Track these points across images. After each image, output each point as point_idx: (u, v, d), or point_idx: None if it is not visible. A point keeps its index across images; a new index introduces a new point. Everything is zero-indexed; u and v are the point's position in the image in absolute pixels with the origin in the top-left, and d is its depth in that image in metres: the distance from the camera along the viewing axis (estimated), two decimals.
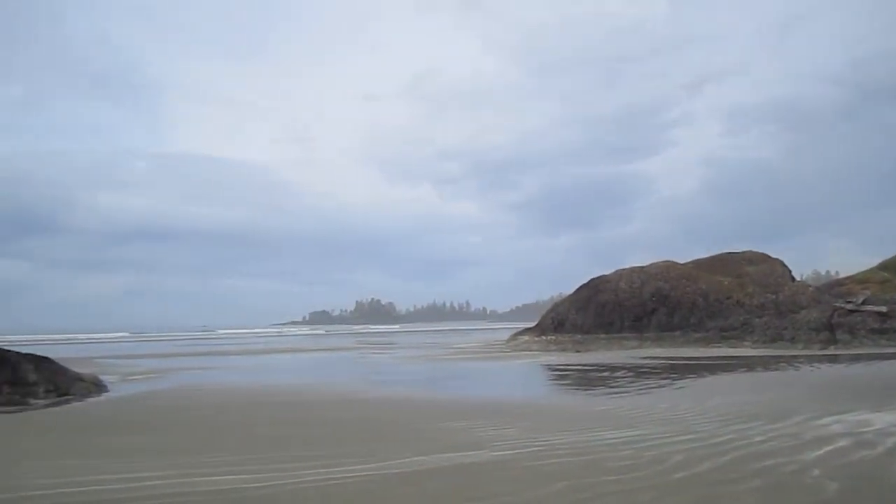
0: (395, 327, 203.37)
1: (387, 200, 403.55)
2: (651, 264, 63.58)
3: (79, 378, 27.38)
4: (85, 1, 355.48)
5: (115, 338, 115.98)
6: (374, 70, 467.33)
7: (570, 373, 33.39)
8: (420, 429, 15.89)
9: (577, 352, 49.72)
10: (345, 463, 11.87)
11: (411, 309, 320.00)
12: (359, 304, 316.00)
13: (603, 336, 55.44)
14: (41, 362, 26.97)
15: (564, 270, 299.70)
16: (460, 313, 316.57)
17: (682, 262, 65.55)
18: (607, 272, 63.73)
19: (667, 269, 61.94)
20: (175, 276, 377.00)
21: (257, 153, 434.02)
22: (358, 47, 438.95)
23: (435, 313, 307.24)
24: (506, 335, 69.21)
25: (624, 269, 63.13)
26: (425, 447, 13.24)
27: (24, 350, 28.47)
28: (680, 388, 24.33)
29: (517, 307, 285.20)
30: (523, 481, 10.29)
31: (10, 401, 22.39)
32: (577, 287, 64.44)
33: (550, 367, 37.14)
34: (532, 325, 66.71)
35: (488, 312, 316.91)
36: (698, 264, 64.99)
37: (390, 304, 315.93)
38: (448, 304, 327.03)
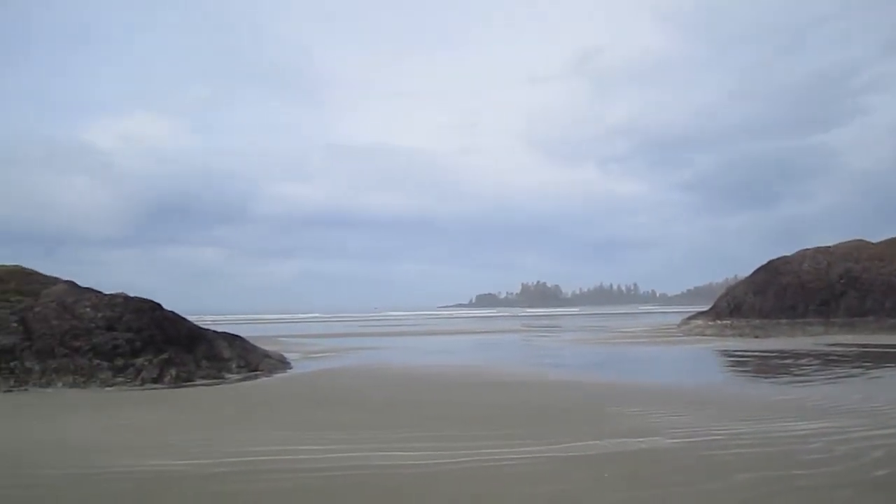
0: (562, 310, 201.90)
1: (552, 182, 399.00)
2: (838, 244, 58.88)
3: (266, 355, 29.46)
4: (268, 6, 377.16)
5: (299, 318, 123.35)
6: (539, 51, 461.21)
7: (749, 359, 31.71)
8: (592, 412, 15.71)
9: (756, 337, 47.11)
10: (517, 444, 11.96)
11: (577, 292, 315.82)
12: (525, 287, 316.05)
13: (784, 321, 52.08)
14: (234, 340, 29.28)
15: (740, 252, 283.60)
16: (628, 296, 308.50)
17: (874, 241, 60.20)
18: (788, 253, 59.79)
19: (857, 249, 57.15)
20: (348, 261, 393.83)
21: (424, 140, 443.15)
22: (521, 29, 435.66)
23: (602, 296, 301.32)
24: (677, 319, 66.83)
25: (807, 250, 58.88)
26: (598, 431, 13.07)
27: (218, 329, 31.03)
28: (875, 378, 22.43)
29: (688, 290, 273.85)
30: (701, 471, 9.90)
31: (209, 374, 24.50)
32: (754, 269, 60.93)
33: (727, 353, 35.45)
34: (706, 308, 63.88)
35: (657, 295, 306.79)
36: (894, 243, 59.45)
37: (556, 286, 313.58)
38: (615, 287, 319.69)
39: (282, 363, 29.37)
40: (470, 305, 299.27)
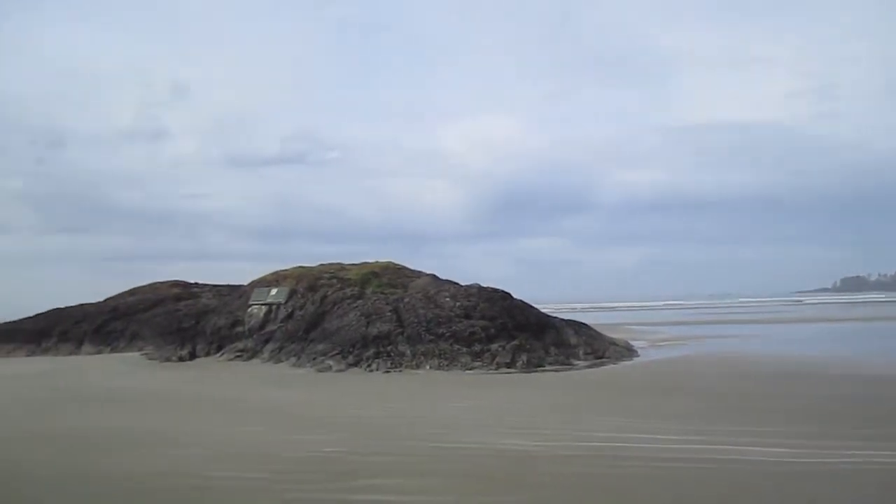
0: None
1: None
2: None
3: (612, 342, 29.64)
4: None
5: (644, 305, 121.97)
6: None
7: None
8: None
9: None
10: (885, 447, 10.56)
11: None
12: None
13: None
14: (580, 327, 29.96)
15: None
16: None
17: None
18: None
19: None
20: (693, 245, 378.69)
21: (772, 111, 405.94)
22: None
23: None
24: None
25: None
26: None
27: (564, 317, 31.97)
28: None
29: None
30: None
31: (557, 360, 25.33)
32: None
33: None
34: None
35: None
36: None
37: None
38: None
39: (628, 351, 29.32)
40: (834, 290, 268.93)
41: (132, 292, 39.92)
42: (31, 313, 38.86)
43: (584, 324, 30.93)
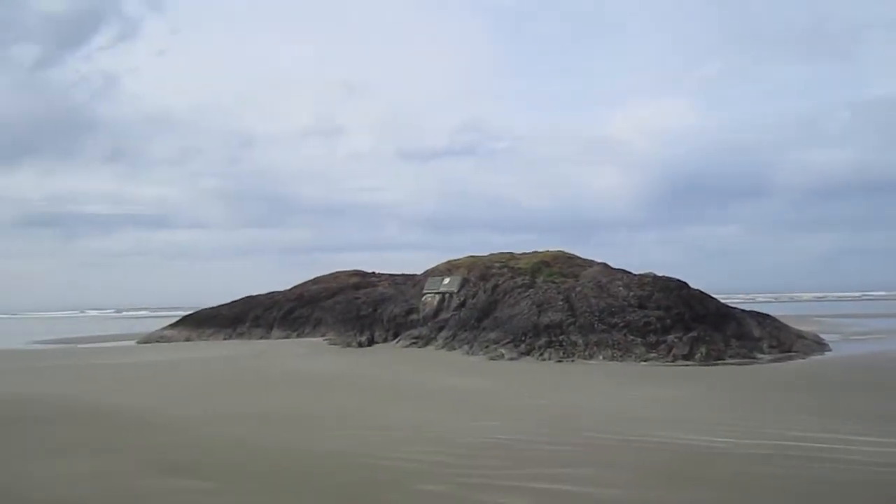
0: None
1: None
2: None
3: (800, 335, 27.72)
4: None
5: (836, 297, 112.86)
6: None
7: None
8: None
9: None
10: None
11: None
12: None
13: None
14: (763, 319, 28.26)
15: None
16: None
17: None
18: None
19: None
20: (889, 232, 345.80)
21: None
22: None
23: None
24: None
25: None
26: None
27: (743, 307, 30.30)
28: None
29: None
30: None
31: (739, 353, 24.06)
32: None
33: None
34: None
35: None
36: None
37: None
38: None
39: (818, 344, 27.33)
40: None
41: (315, 281, 42.19)
42: (227, 300, 42.09)
43: (767, 315, 29.15)
